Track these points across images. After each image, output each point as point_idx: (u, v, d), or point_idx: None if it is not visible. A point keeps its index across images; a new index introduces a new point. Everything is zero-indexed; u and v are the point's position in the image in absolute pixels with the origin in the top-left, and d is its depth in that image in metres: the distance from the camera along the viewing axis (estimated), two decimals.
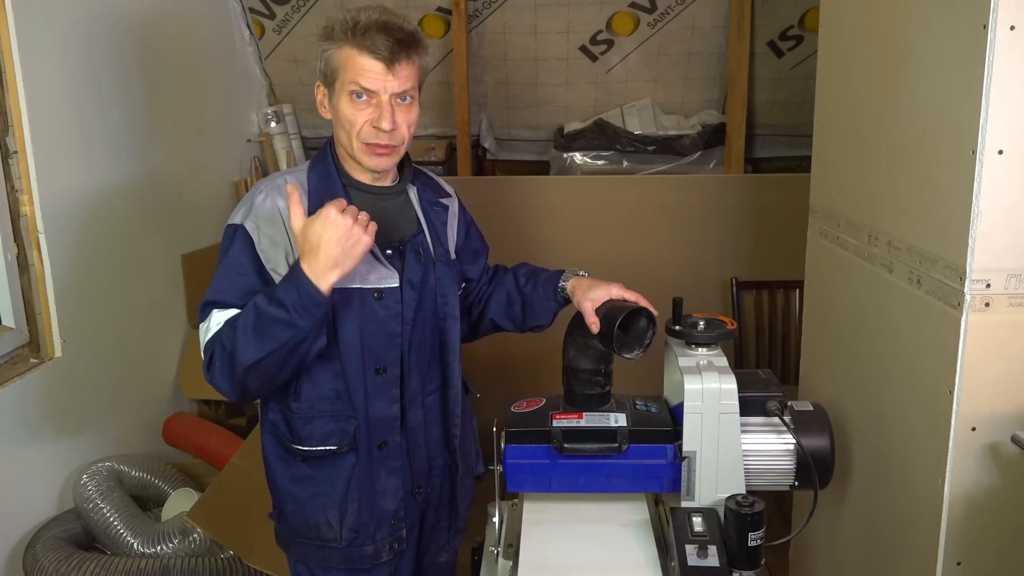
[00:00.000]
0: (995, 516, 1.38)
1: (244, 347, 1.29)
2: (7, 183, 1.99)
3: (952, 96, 1.34)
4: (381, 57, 1.35)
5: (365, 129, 1.39)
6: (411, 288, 1.46)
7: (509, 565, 1.39)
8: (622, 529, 1.41)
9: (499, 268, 1.72)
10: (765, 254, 3.11)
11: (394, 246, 1.46)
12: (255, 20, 3.13)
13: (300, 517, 1.49)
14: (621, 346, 1.40)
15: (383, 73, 1.36)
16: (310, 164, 1.50)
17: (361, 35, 1.35)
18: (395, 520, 1.51)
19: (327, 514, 1.47)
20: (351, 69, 1.37)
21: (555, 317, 1.61)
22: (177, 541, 2.05)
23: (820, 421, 1.39)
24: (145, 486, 2.25)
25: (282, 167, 3.28)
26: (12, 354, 2.03)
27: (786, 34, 3.04)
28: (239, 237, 1.40)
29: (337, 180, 1.45)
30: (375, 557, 1.51)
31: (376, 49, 1.35)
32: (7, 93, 1.96)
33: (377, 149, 1.41)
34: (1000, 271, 1.30)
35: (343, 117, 1.40)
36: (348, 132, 1.40)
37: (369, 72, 1.36)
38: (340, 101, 1.40)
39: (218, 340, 1.33)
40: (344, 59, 1.37)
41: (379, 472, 1.48)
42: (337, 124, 1.43)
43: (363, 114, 1.39)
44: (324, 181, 1.44)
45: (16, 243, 2.01)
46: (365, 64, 1.36)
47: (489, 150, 3.40)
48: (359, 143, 1.41)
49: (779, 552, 2.18)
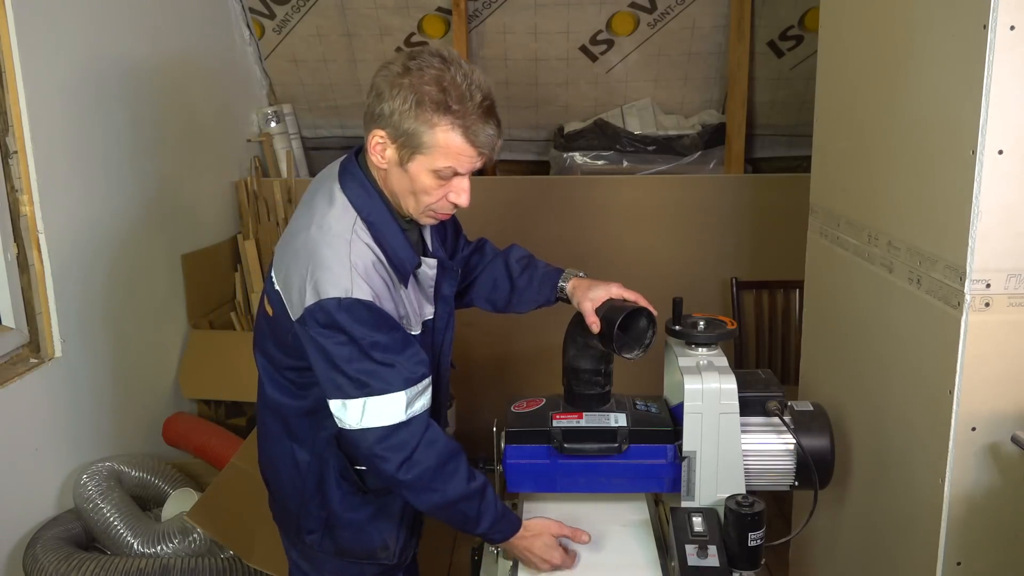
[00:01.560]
0: (995, 516, 1.38)
1: (462, 517, 1.35)
2: (7, 183, 1.98)
3: (952, 96, 1.34)
4: (484, 148, 1.29)
5: (442, 203, 1.34)
6: (444, 303, 1.47)
7: (509, 565, 1.39)
8: (622, 529, 1.41)
9: (486, 248, 1.67)
10: (765, 254, 3.11)
11: None
12: (255, 20, 3.13)
13: (356, 541, 1.48)
14: (621, 346, 1.40)
15: (477, 157, 1.31)
16: (359, 208, 1.35)
17: (473, 120, 1.27)
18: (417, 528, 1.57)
19: (385, 537, 1.48)
20: (451, 155, 1.28)
21: (536, 308, 1.61)
22: (177, 541, 2.05)
23: (820, 421, 1.39)
24: (145, 486, 2.25)
25: (282, 167, 3.27)
26: (12, 354, 2.03)
27: (786, 34, 3.04)
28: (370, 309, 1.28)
29: (397, 228, 1.37)
30: (400, 565, 1.54)
31: (482, 142, 1.28)
32: (7, 93, 1.96)
33: (440, 216, 1.38)
34: (1000, 271, 1.30)
35: (419, 186, 1.31)
36: (418, 199, 1.33)
37: (467, 158, 1.29)
38: (420, 171, 1.30)
39: (430, 462, 1.31)
40: (446, 142, 1.27)
41: None
42: (403, 184, 1.33)
43: (442, 189, 1.33)
44: (387, 233, 1.35)
45: (16, 243, 2.01)
46: (467, 152, 1.28)
47: None
48: (426, 208, 1.35)
49: (779, 552, 2.18)
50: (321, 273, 1.27)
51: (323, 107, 3.36)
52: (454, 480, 1.31)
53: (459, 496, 1.32)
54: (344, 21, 3.08)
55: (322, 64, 3.20)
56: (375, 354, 1.27)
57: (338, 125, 3.41)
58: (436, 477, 1.30)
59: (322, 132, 3.43)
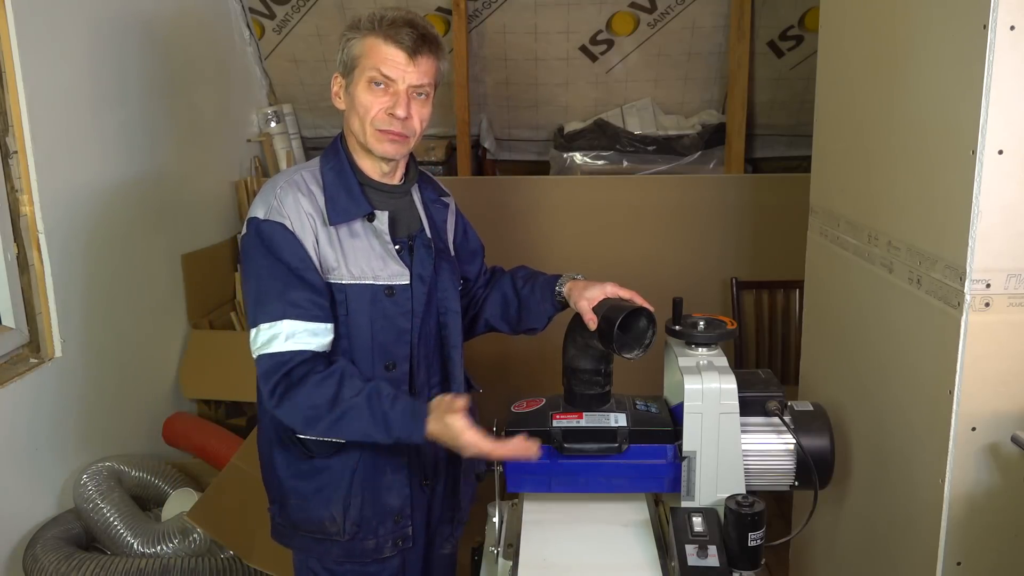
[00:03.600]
0: (995, 516, 1.38)
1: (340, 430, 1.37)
2: (7, 183, 1.99)
3: (952, 96, 1.34)
4: (404, 47, 1.39)
5: (379, 116, 1.42)
6: (421, 282, 1.49)
7: (509, 565, 1.39)
8: (622, 529, 1.41)
9: (496, 270, 1.74)
10: (765, 254, 3.11)
11: (404, 242, 1.49)
12: (255, 20, 3.13)
13: (303, 512, 1.50)
14: (621, 346, 1.40)
15: (404, 63, 1.40)
16: (322, 159, 1.51)
17: (388, 26, 1.40)
18: (399, 517, 1.52)
19: (331, 509, 1.48)
20: (373, 56, 1.41)
21: (550, 321, 1.62)
22: (177, 541, 2.05)
23: (820, 421, 1.39)
24: (145, 486, 2.25)
25: (282, 167, 3.27)
26: (12, 354, 2.03)
27: (786, 34, 3.04)
28: (275, 231, 1.39)
29: (352, 177, 1.47)
30: (376, 551, 1.52)
31: (400, 39, 1.39)
32: (7, 93, 1.96)
33: (389, 135, 1.43)
34: (1000, 271, 1.30)
35: (359, 103, 1.43)
36: (362, 118, 1.43)
37: (391, 60, 1.40)
38: (358, 88, 1.43)
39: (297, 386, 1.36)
40: (367, 47, 1.41)
41: (385, 468, 1.49)
42: (351, 111, 1.45)
43: (379, 101, 1.42)
44: (339, 177, 1.47)
45: (16, 243, 2.01)
46: (388, 52, 1.40)
47: (489, 150, 3.40)
48: (372, 128, 1.43)
49: (779, 552, 2.18)
50: (254, 201, 1.45)
51: (323, 107, 3.36)
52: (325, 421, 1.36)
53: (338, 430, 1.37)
54: (344, 21, 3.06)
55: (322, 64, 3.20)
56: (273, 279, 1.37)
57: (338, 125, 3.36)
58: (310, 418, 1.37)
59: (322, 132, 3.43)
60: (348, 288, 1.43)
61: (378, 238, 1.46)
